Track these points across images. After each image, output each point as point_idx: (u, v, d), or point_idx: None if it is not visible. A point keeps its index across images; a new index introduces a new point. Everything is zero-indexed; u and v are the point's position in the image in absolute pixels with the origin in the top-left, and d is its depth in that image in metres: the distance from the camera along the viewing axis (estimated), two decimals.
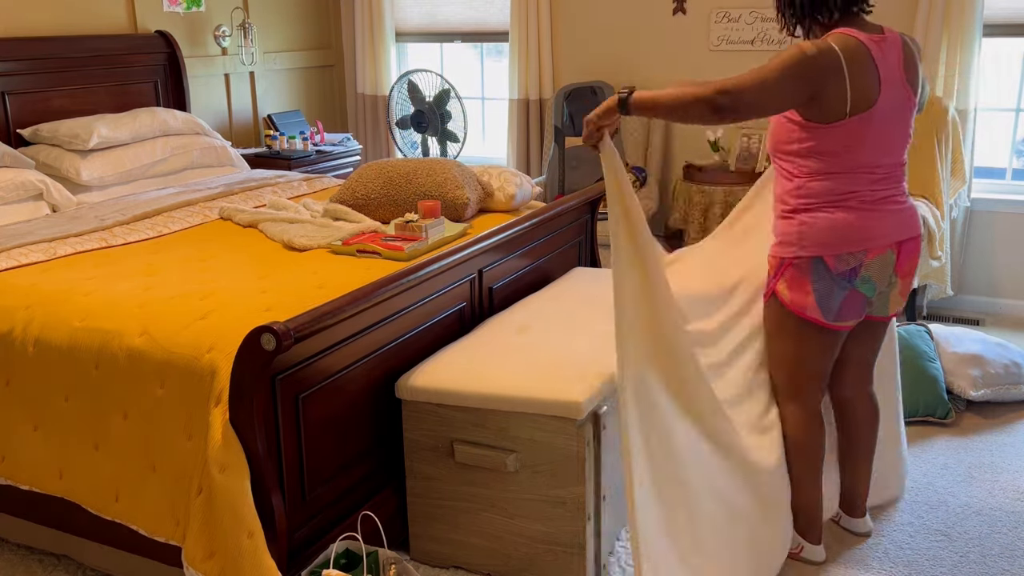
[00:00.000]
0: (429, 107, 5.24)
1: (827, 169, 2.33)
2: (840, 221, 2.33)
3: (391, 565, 2.28)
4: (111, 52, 4.45)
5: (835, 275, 2.36)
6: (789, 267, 2.40)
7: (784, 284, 2.43)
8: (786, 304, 2.43)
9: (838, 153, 2.31)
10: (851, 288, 2.37)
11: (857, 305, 2.41)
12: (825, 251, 2.34)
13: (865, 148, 2.30)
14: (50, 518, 2.59)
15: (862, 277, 2.37)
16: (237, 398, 2.12)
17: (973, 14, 4.34)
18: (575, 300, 3.08)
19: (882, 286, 2.42)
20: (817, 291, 2.37)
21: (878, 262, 2.36)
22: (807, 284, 2.38)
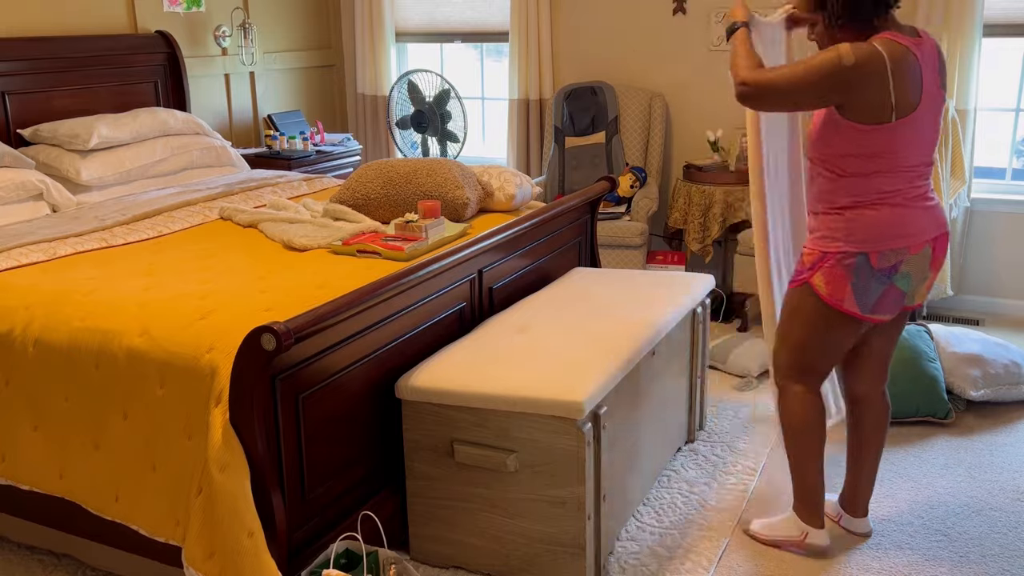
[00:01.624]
0: (429, 107, 5.24)
1: (873, 169, 2.38)
2: (886, 218, 2.40)
3: (391, 565, 2.28)
4: (111, 52, 4.45)
5: (876, 271, 2.41)
6: (831, 260, 2.44)
7: (821, 277, 2.46)
8: (822, 296, 2.46)
9: (883, 154, 2.36)
10: (889, 284, 2.43)
11: (893, 299, 2.47)
12: (870, 247, 2.40)
13: (908, 149, 2.37)
14: (50, 518, 2.59)
15: (902, 273, 2.43)
16: (237, 398, 2.12)
17: (973, 14, 4.34)
18: (575, 300, 3.08)
19: (917, 281, 2.47)
20: (855, 286, 2.43)
21: (917, 258, 2.43)
22: (846, 278, 2.43)
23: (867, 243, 2.40)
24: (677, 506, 2.95)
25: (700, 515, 2.89)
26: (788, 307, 2.57)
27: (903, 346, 3.57)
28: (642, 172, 4.98)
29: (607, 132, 5.11)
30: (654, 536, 2.78)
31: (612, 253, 4.71)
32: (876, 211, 2.40)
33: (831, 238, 2.45)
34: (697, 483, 3.09)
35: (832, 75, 2.27)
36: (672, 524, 2.84)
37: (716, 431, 3.47)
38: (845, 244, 2.42)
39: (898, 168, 2.38)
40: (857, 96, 2.29)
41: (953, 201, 4.50)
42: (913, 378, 3.48)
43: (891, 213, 2.39)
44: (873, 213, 2.40)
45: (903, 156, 2.37)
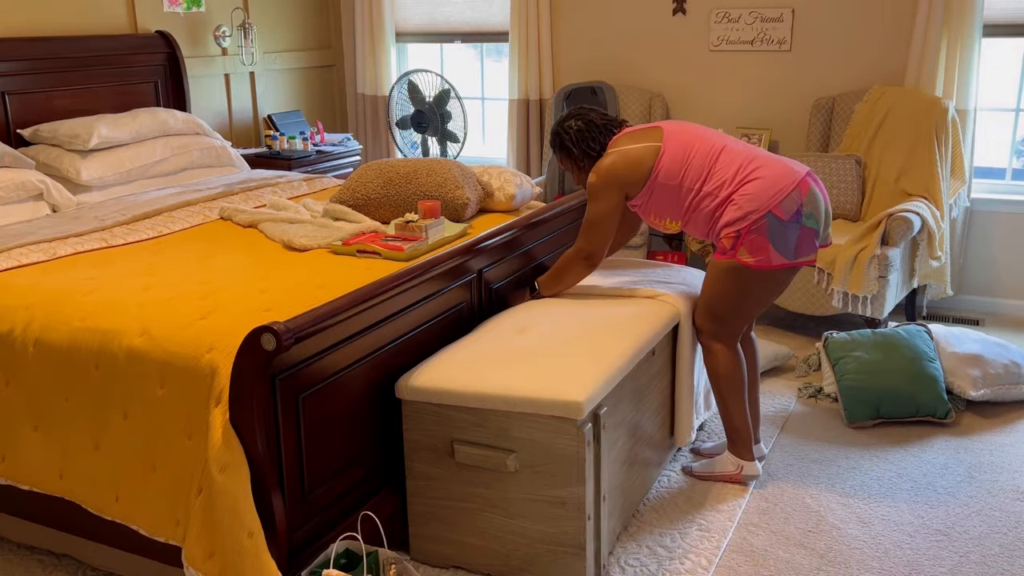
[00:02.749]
0: (429, 107, 5.24)
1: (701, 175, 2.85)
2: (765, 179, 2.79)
3: (391, 565, 2.28)
4: (111, 52, 4.45)
5: (786, 222, 2.78)
6: (746, 232, 2.79)
7: (745, 250, 2.80)
8: (751, 266, 2.81)
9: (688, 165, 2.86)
10: (800, 226, 2.80)
11: (810, 240, 2.83)
12: (771, 204, 2.77)
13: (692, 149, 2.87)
14: (50, 518, 2.59)
15: (806, 214, 2.80)
16: (237, 398, 2.12)
17: (973, 14, 4.34)
18: (575, 300, 3.08)
19: (820, 217, 2.84)
20: (775, 241, 2.78)
21: (810, 197, 2.81)
22: (765, 239, 2.78)
23: (766, 203, 2.77)
24: (677, 506, 2.95)
25: (700, 515, 2.90)
26: (714, 277, 2.90)
27: (903, 346, 3.57)
28: None
29: None
30: (654, 536, 2.79)
31: None
32: (752, 181, 2.80)
33: (739, 217, 2.79)
34: (697, 483, 3.09)
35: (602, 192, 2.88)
36: (672, 524, 2.85)
37: (716, 431, 3.47)
38: (753, 213, 2.78)
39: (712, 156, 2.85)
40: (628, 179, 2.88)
41: (953, 201, 4.50)
42: (913, 378, 3.48)
43: (758, 175, 2.80)
44: (751, 183, 2.80)
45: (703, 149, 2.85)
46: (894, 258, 4.00)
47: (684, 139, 2.88)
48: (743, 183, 2.81)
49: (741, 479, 3.04)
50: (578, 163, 3.01)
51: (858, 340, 3.67)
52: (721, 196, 2.83)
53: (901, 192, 4.38)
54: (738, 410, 3.00)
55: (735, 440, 3.03)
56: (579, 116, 2.99)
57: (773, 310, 4.82)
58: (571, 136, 2.98)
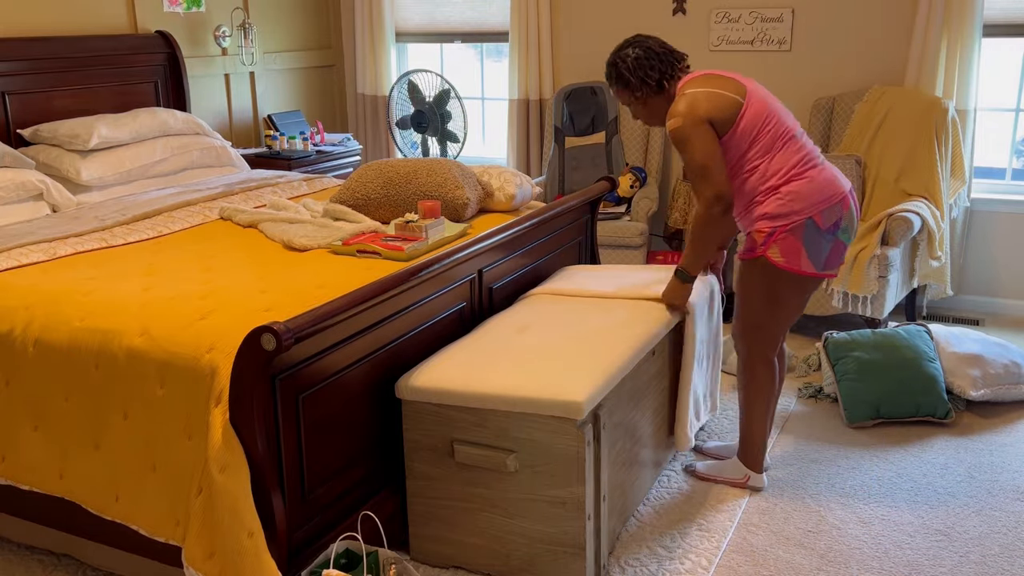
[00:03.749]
0: (429, 107, 5.24)
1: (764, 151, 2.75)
2: (815, 182, 2.73)
3: (391, 565, 2.28)
4: (111, 52, 4.45)
5: (823, 230, 2.73)
6: (781, 232, 2.73)
7: (776, 248, 2.75)
8: (779, 265, 2.75)
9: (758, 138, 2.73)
10: (835, 239, 2.77)
11: (839, 253, 2.81)
12: (814, 211, 2.72)
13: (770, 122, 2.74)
14: (50, 518, 2.59)
15: (842, 228, 2.77)
16: (237, 398, 2.12)
17: (973, 14, 4.34)
18: (575, 300, 3.08)
19: (853, 233, 2.82)
20: (808, 248, 2.74)
21: (850, 210, 2.78)
22: (799, 243, 2.73)
23: (809, 208, 2.72)
24: (677, 506, 2.95)
25: (700, 515, 2.90)
26: (743, 283, 2.87)
27: (903, 346, 3.57)
28: (642, 172, 4.98)
29: (607, 132, 5.11)
30: (654, 536, 2.78)
31: (612, 253, 4.71)
32: (798, 181, 2.73)
33: (777, 214, 2.73)
34: (697, 483, 3.09)
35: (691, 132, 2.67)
36: (672, 524, 2.85)
37: (716, 431, 3.47)
38: (794, 214, 2.72)
39: (777, 140, 2.74)
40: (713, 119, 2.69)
41: (953, 201, 4.50)
42: (913, 378, 3.48)
43: (810, 178, 2.73)
44: (802, 182, 2.73)
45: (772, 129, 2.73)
46: (894, 258, 4.00)
47: (765, 106, 2.74)
48: (793, 178, 2.73)
49: (745, 488, 3.03)
50: (635, 93, 2.83)
51: (858, 340, 3.67)
52: (770, 183, 2.74)
53: (901, 192, 4.38)
54: (760, 422, 2.96)
55: (748, 449, 3.00)
56: (636, 44, 2.81)
57: None
58: (628, 64, 2.79)
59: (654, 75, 2.78)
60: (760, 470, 3.02)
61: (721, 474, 3.06)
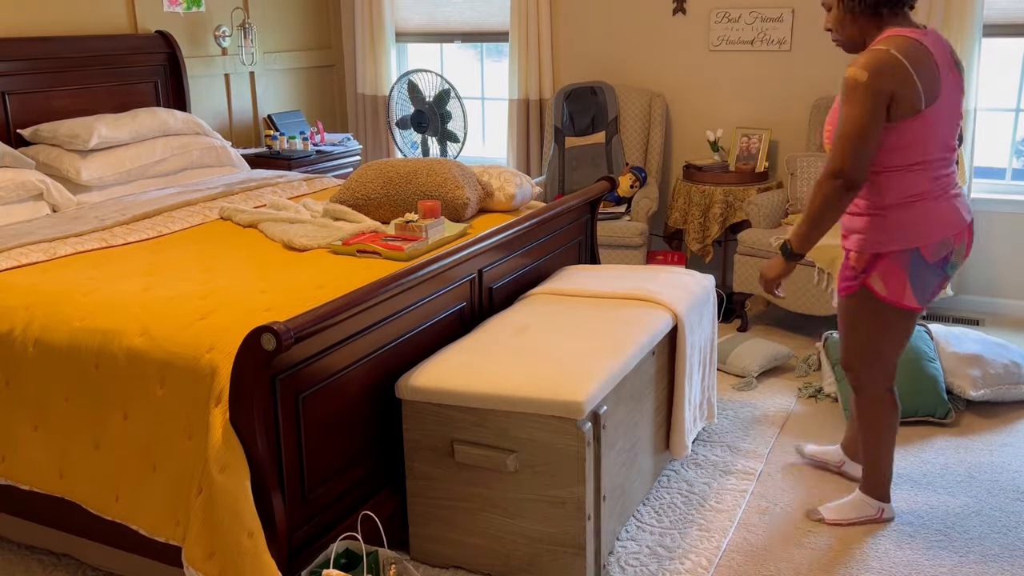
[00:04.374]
0: (429, 107, 5.24)
1: (906, 162, 2.45)
2: (929, 212, 2.48)
3: (391, 565, 2.28)
4: (111, 52, 4.45)
5: (931, 264, 2.51)
6: (885, 260, 2.51)
7: (878, 277, 2.54)
8: (881, 296, 2.55)
9: (912, 146, 2.43)
10: (943, 274, 2.56)
11: (942, 286, 2.61)
12: (922, 241, 2.48)
13: (935, 137, 2.45)
14: (50, 518, 2.59)
15: (952, 263, 2.55)
16: (237, 398, 2.12)
17: (973, 14, 4.34)
18: (575, 300, 3.08)
19: (958, 269, 2.67)
20: (914, 281, 2.52)
21: (960, 247, 2.56)
22: (904, 275, 2.51)
23: (918, 238, 2.48)
24: (677, 506, 2.95)
25: (700, 515, 2.90)
26: (848, 316, 2.65)
27: None
28: (642, 172, 4.98)
29: (607, 132, 5.11)
30: (654, 536, 2.78)
31: (612, 253, 4.71)
32: (918, 207, 2.47)
33: (881, 239, 2.51)
34: (697, 483, 3.09)
35: (865, 96, 2.35)
36: (672, 524, 2.85)
37: (716, 431, 3.47)
38: (897, 242, 2.49)
39: (928, 159, 2.46)
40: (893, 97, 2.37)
41: None
42: (913, 378, 3.48)
43: (931, 207, 2.48)
44: (917, 209, 2.47)
45: (931, 145, 2.45)
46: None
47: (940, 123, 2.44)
48: (913, 202, 2.47)
49: (882, 521, 2.84)
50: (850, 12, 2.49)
51: None
52: (889, 199, 2.48)
53: None
54: (888, 455, 2.76)
55: (878, 482, 2.80)
56: None
57: (773, 310, 4.82)
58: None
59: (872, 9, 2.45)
60: (889, 500, 2.84)
61: (853, 514, 2.83)
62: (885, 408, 2.71)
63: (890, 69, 2.34)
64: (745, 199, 4.58)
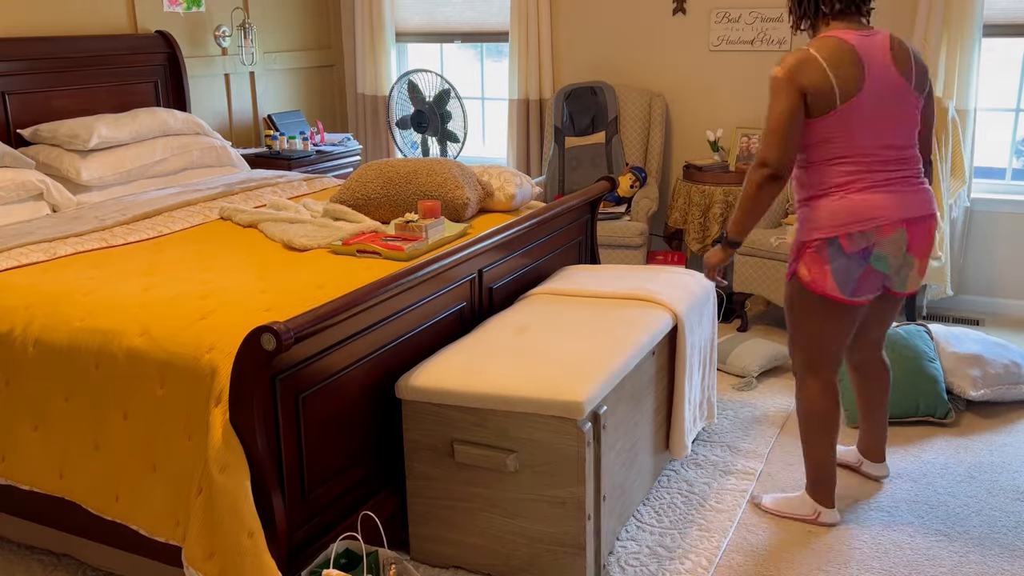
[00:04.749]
0: (429, 107, 5.24)
1: (830, 155, 2.56)
2: (849, 203, 2.54)
3: (391, 565, 2.28)
4: (111, 52, 4.45)
5: (850, 254, 2.55)
6: (808, 249, 2.61)
7: (804, 265, 2.62)
8: (806, 284, 2.63)
9: (833, 141, 2.54)
10: (867, 265, 2.57)
11: (874, 280, 2.61)
12: (839, 231, 2.54)
13: (861, 133, 2.53)
14: (50, 518, 2.59)
15: (876, 255, 2.56)
16: (237, 398, 2.12)
17: (973, 14, 4.34)
18: (575, 300, 3.08)
19: (896, 263, 2.61)
20: (835, 270, 2.57)
21: (890, 240, 2.56)
22: (825, 264, 2.58)
23: (835, 228, 2.55)
24: (677, 506, 2.95)
25: (700, 515, 2.90)
26: (787, 302, 2.75)
27: (903, 346, 3.57)
28: (642, 172, 4.98)
29: (607, 132, 5.11)
30: (654, 536, 2.78)
31: (612, 253, 4.71)
32: (839, 197, 2.55)
33: (806, 228, 2.61)
34: (697, 483, 3.09)
35: (783, 90, 2.51)
36: (672, 524, 2.84)
37: (716, 431, 3.47)
38: (818, 231, 2.57)
39: (855, 154, 2.54)
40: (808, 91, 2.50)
41: (953, 201, 4.50)
42: (913, 378, 3.48)
43: (855, 198, 2.54)
44: (836, 199, 2.55)
45: (857, 140, 2.53)
46: None
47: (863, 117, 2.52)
48: (832, 194, 2.56)
49: (816, 524, 2.82)
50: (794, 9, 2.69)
51: None
52: (813, 192, 2.60)
53: None
54: (823, 454, 2.75)
55: (816, 483, 2.80)
56: None
57: (773, 310, 4.82)
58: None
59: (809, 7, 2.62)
60: (831, 504, 2.80)
61: (789, 509, 2.85)
62: (822, 404, 2.72)
63: (804, 67, 2.49)
64: None
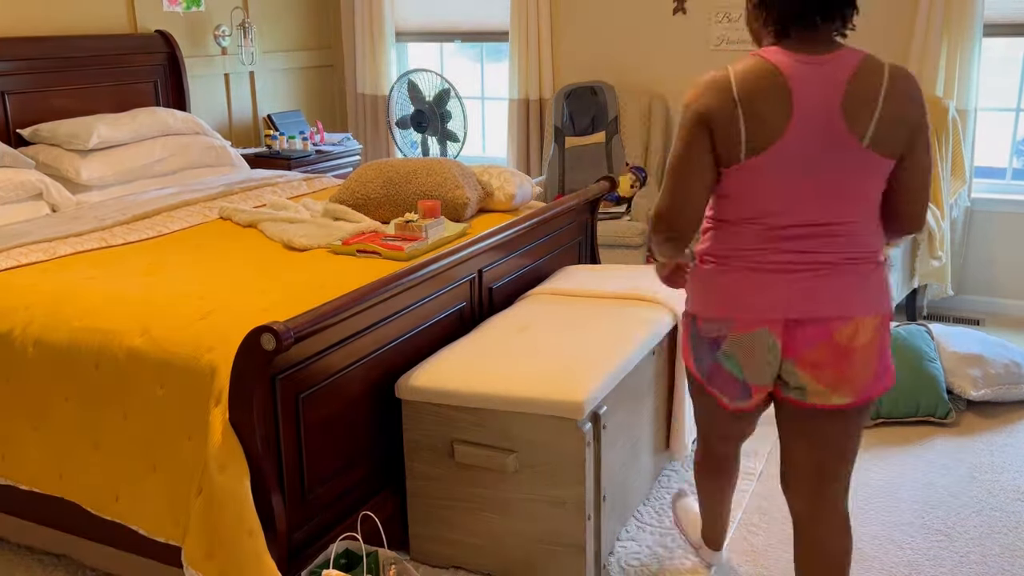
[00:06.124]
0: (429, 107, 5.24)
1: (724, 216, 1.97)
2: (717, 280, 1.98)
3: (391, 565, 2.28)
4: (111, 52, 4.45)
5: (701, 338, 2.04)
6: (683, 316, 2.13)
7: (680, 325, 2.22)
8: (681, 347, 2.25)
9: (734, 197, 1.93)
10: (714, 359, 2.03)
11: (726, 379, 2.04)
12: (697, 309, 2.03)
13: (758, 196, 1.89)
14: (50, 518, 2.59)
15: (724, 351, 2.00)
16: (237, 398, 2.12)
17: (973, 14, 4.34)
18: (575, 300, 3.08)
19: (752, 369, 1.99)
20: (693, 347, 2.08)
21: (746, 340, 1.95)
22: (687, 336, 2.11)
23: (695, 304, 2.04)
24: None
25: None
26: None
27: (903, 346, 3.57)
28: (642, 172, 4.98)
29: (607, 132, 5.11)
30: (654, 536, 2.78)
31: (612, 253, 4.71)
32: (711, 269, 1.99)
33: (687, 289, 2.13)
34: None
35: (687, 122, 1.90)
36: (672, 524, 2.84)
37: None
38: (688, 299, 2.08)
39: (745, 220, 1.92)
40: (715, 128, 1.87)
41: (953, 201, 4.50)
42: (913, 378, 3.48)
43: (723, 279, 1.96)
44: (707, 270, 2.00)
45: (751, 204, 1.90)
46: (894, 258, 4.00)
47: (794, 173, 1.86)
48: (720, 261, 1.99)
49: (695, 552, 2.67)
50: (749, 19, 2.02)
51: None
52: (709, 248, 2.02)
53: None
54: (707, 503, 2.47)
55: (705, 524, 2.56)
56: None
57: None
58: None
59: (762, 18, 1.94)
60: (716, 548, 2.58)
61: (683, 523, 2.73)
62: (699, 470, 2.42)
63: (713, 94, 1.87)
64: None
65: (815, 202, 1.87)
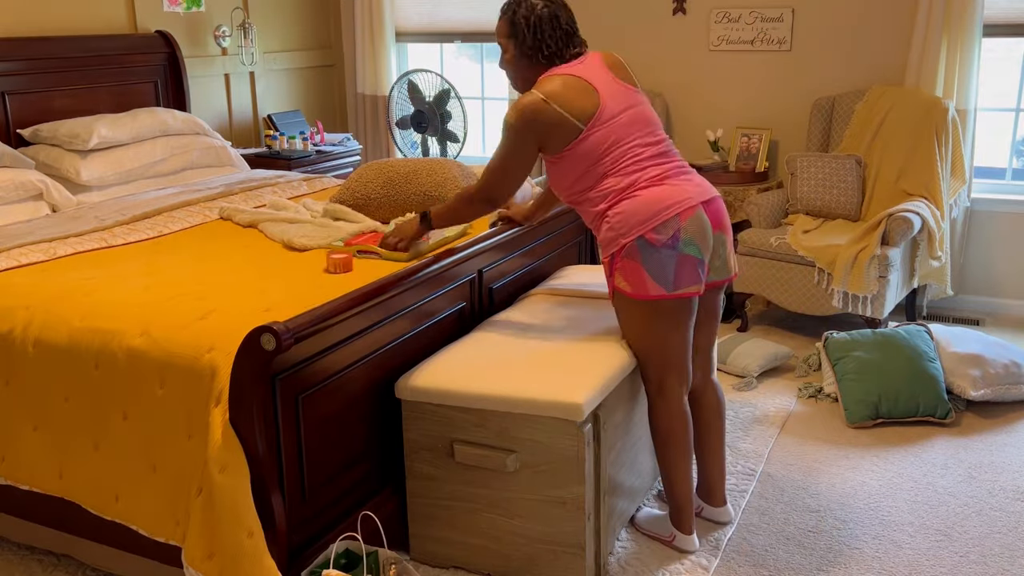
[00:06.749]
0: (429, 107, 5.24)
1: (601, 173, 2.54)
2: (642, 200, 2.49)
3: (391, 565, 2.28)
4: (111, 52, 4.45)
5: (659, 247, 2.46)
6: (619, 259, 2.52)
7: (621, 276, 2.53)
8: (629, 294, 2.53)
9: (598, 161, 2.53)
10: (677, 254, 2.48)
11: (690, 269, 2.50)
12: (642, 229, 2.47)
13: (619, 143, 2.53)
14: (50, 518, 2.59)
15: (684, 241, 2.47)
16: (237, 398, 2.12)
17: (973, 14, 4.34)
18: (574, 301, 3.07)
19: (706, 245, 2.52)
20: (649, 269, 2.48)
21: (695, 220, 2.49)
22: (639, 266, 2.49)
23: (638, 226, 2.47)
24: None
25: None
26: (620, 321, 2.66)
27: (903, 346, 3.57)
28: None
29: None
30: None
31: None
32: (627, 202, 2.50)
33: (610, 241, 2.53)
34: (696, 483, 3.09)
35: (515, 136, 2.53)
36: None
37: None
38: (622, 237, 2.49)
39: (622, 162, 2.52)
40: (545, 135, 2.51)
41: (953, 201, 4.50)
42: (913, 378, 3.48)
43: (644, 195, 2.49)
44: (627, 203, 2.49)
45: (618, 151, 2.52)
46: (894, 258, 4.00)
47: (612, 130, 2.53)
48: (622, 199, 2.51)
49: (672, 548, 2.72)
50: (519, 50, 2.60)
51: (858, 340, 3.67)
52: (601, 206, 2.55)
53: (901, 192, 4.38)
54: (678, 475, 2.63)
55: (672, 506, 2.69)
56: (550, 4, 2.56)
57: (774, 310, 4.82)
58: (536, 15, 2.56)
59: (544, 50, 2.57)
60: (688, 530, 2.68)
61: (651, 528, 2.78)
62: (670, 425, 2.61)
63: (537, 115, 2.49)
64: (745, 199, 4.58)
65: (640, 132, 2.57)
